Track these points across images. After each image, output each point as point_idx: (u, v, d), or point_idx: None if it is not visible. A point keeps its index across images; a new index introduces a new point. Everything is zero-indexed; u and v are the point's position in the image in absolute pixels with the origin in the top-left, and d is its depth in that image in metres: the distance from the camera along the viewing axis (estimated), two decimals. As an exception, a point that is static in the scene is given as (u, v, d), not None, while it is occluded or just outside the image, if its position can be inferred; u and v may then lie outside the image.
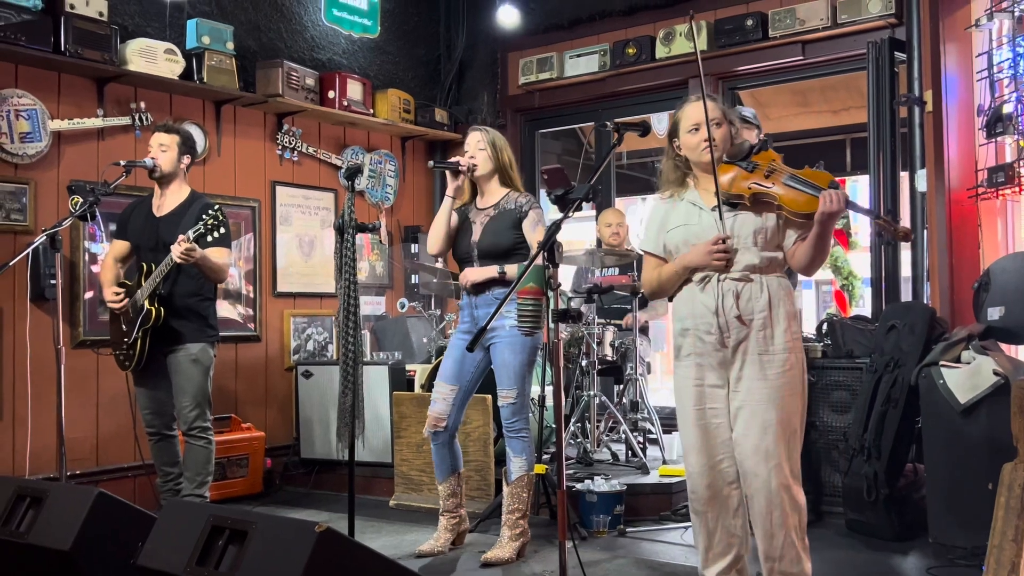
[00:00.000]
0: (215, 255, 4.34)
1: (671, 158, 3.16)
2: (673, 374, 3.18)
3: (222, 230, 4.23)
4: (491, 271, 4.08)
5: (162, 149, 4.47)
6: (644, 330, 5.92)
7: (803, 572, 2.97)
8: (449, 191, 4.16)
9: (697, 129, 3.03)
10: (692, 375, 3.04)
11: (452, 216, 4.20)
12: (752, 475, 2.94)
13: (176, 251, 4.13)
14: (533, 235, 4.08)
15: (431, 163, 4.46)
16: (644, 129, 3.14)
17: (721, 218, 2.98)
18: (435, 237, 4.21)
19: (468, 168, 4.14)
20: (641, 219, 9.67)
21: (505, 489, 4.14)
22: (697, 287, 3.03)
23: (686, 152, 3.10)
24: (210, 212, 4.20)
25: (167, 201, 4.51)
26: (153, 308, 4.31)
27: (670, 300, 3.23)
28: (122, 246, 4.60)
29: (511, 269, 4.05)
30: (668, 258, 3.13)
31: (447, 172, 4.17)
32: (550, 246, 2.94)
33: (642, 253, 3.25)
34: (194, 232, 4.15)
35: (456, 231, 4.23)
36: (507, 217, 4.11)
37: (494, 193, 4.20)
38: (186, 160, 4.55)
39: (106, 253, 4.73)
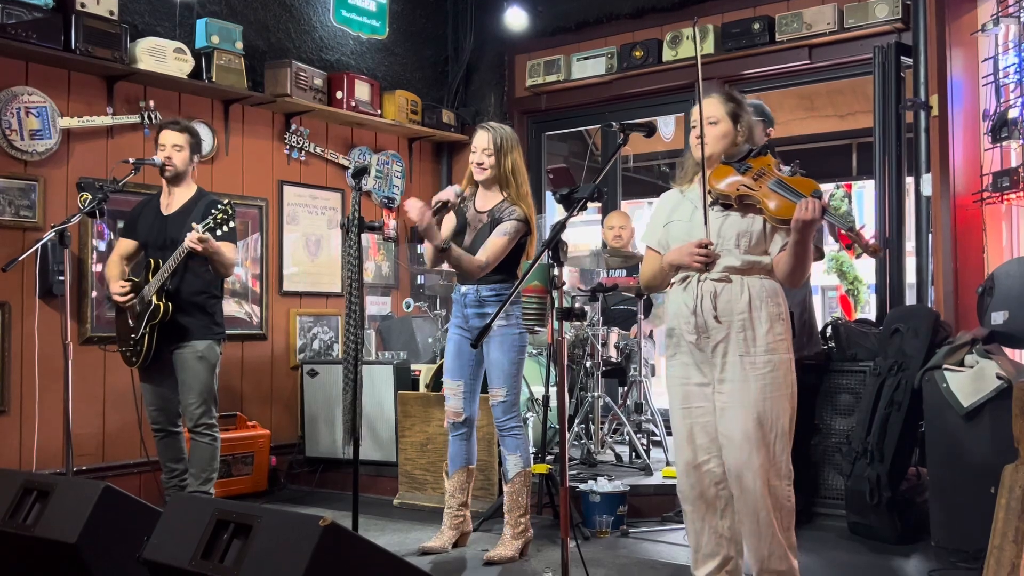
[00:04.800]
0: (226, 248, 4.38)
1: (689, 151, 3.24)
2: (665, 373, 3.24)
3: (232, 224, 4.26)
4: (436, 237, 3.92)
5: (177, 149, 4.47)
6: (649, 333, 5.93)
7: (791, 570, 3.00)
8: (423, 231, 3.95)
9: (694, 127, 3.13)
10: (678, 374, 3.10)
11: (450, 215, 4.16)
12: (735, 475, 2.97)
13: (192, 237, 4.16)
14: (491, 238, 4.02)
15: (420, 248, 3.96)
16: (650, 130, 3.17)
17: (706, 220, 3.02)
18: (430, 260, 4.13)
19: (457, 196, 4.07)
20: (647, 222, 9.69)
21: (505, 488, 4.16)
22: (679, 287, 3.09)
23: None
24: (219, 207, 4.23)
25: (175, 199, 4.54)
26: (161, 303, 4.33)
27: None
28: (129, 244, 4.62)
29: (456, 251, 3.97)
30: (663, 252, 3.18)
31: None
32: (555, 244, 2.95)
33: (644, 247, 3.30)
34: (204, 226, 4.19)
35: (454, 228, 4.19)
36: (494, 227, 4.07)
37: (491, 198, 4.16)
38: (196, 159, 4.59)
39: (113, 250, 4.76)
